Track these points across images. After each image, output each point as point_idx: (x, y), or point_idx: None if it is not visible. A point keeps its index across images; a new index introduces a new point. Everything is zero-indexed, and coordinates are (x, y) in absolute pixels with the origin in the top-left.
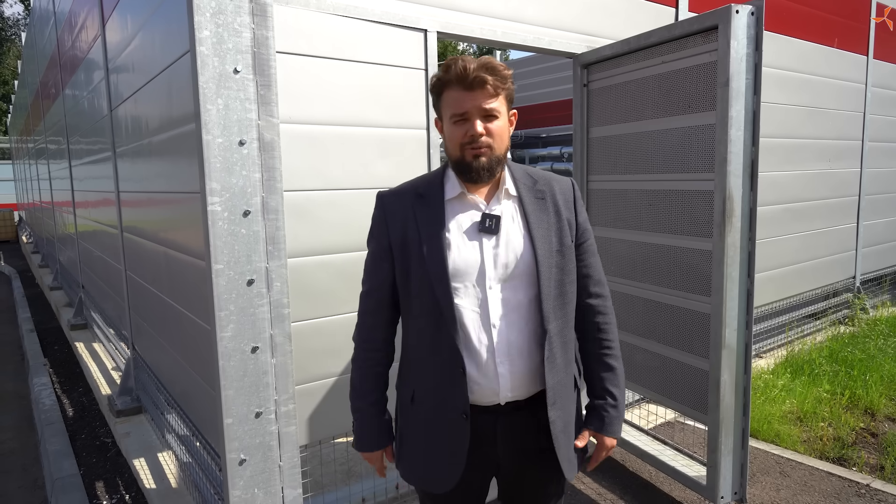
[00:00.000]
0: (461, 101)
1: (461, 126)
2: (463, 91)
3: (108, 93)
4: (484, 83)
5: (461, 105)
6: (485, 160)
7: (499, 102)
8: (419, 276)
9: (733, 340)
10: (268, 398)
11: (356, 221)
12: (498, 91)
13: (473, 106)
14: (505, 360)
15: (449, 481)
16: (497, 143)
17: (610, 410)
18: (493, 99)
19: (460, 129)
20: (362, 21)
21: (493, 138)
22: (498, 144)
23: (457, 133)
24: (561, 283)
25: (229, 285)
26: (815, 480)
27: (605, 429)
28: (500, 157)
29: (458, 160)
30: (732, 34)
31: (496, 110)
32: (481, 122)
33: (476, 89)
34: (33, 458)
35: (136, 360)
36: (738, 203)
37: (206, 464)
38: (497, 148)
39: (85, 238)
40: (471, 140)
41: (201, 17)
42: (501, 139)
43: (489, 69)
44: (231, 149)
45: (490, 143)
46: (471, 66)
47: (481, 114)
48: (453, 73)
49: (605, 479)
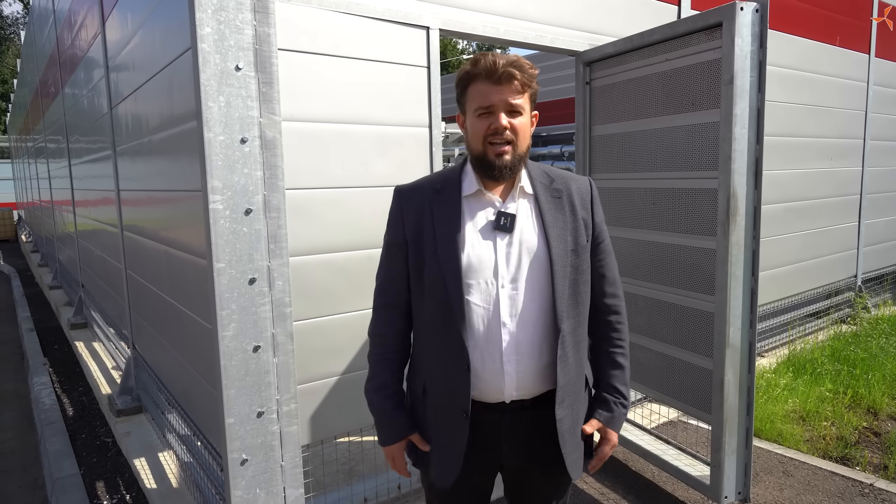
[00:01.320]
0: (488, 94)
1: (485, 119)
2: (490, 85)
3: (108, 91)
4: (512, 78)
5: (488, 98)
6: (508, 158)
7: (524, 100)
8: (432, 271)
9: (737, 339)
10: (269, 398)
11: (357, 220)
12: (525, 88)
13: (500, 99)
14: (512, 359)
15: (449, 476)
16: (520, 141)
17: (618, 406)
18: (520, 95)
19: (484, 122)
20: (364, 18)
21: (516, 135)
22: (521, 142)
23: (480, 126)
24: (575, 283)
25: (231, 284)
26: (818, 480)
27: (612, 423)
28: (522, 154)
29: (480, 155)
30: (737, 31)
31: (521, 107)
32: (506, 117)
33: (504, 84)
34: (33, 458)
35: (137, 359)
36: (742, 201)
37: (208, 463)
38: (520, 145)
39: (85, 237)
40: (494, 133)
41: (203, 14)
42: (524, 137)
43: (518, 66)
44: (233, 146)
45: (513, 140)
46: (500, 61)
47: (507, 108)
48: (482, 66)
49: (608, 478)
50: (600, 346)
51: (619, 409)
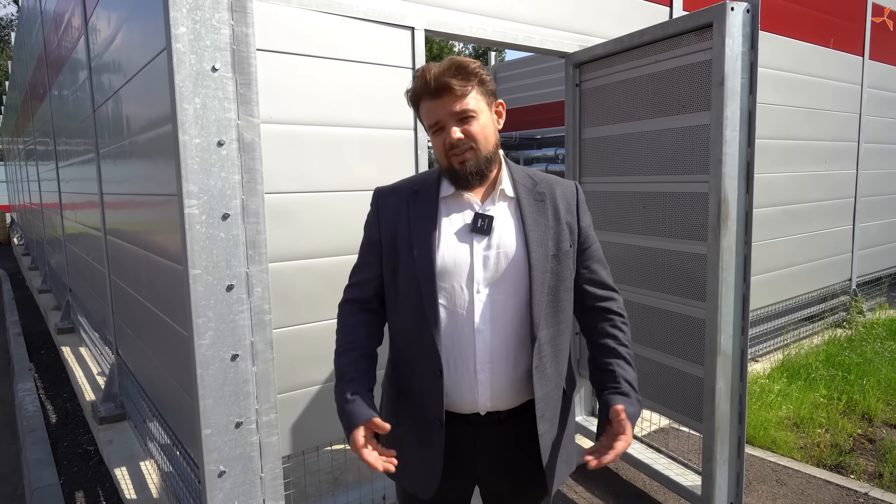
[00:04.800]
0: (432, 110)
1: (440, 135)
2: (431, 100)
3: (92, 93)
4: (448, 88)
5: (434, 115)
6: (471, 164)
7: (472, 101)
8: (407, 273)
9: (728, 347)
10: (248, 408)
11: (340, 225)
12: (466, 90)
13: (445, 113)
14: (486, 367)
15: (428, 488)
16: (481, 143)
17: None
18: (463, 100)
19: (439, 138)
20: (347, 18)
21: (475, 140)
22: (482, 144)
23: (438, 142)
24: (555, 290)
25: (207, 291)
26: (812, 489)
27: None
28: (488, 155)
29: (447, 169)
30: (727, 32)
31: (470, 111)
32: (457, 128)
33: (443, 96)
34: (14, 467)
35: (120, 365)
36: (733, 206)
37: (187, 474)
38: (482, 148)
39: (71, 240)
40: (451, 147)
41: (177, 13)
42: (485, 137)
43: (451, 70)
44: (209, 150)
45: (472, 145)
46: (431, 74)
47: (455, 119)
48: (418, 84)
49: (599, 487)
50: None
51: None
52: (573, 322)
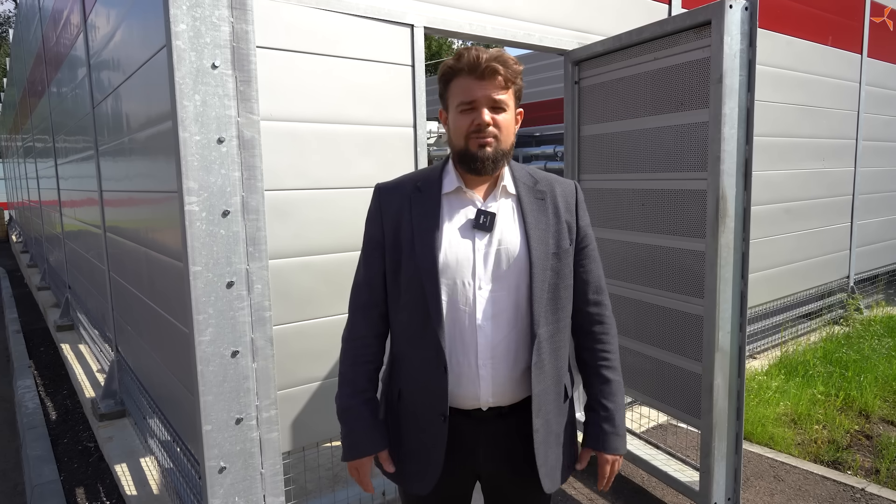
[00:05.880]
0: (471, 89)
1: (468, 115)
2: (473, 80)
3: (91, 90)
4: (495, 73)
5: (470, 93)
6: (490, 150)
7: (508, 95)
8: (409, 270)
9: (726, 343)
10: (249, 404)
11: (340, 221)
12: (509, 84)
13: (483, 95)
14: (488, 363)
15: (427, 483)
16: (504, 136)
17: (603, 425)
18: (503, 91)
19: (467, 117)
20: (346, 15)
21: (499, 130)
22: (504, 137)
23: (463, 122)
24: (555, 287)
25: (207, 288)
26: (809, 485)
27: (602, 445)
28: (506, 150)
29: (461, 150)
30: (726, 29)
31: (505, 102)
32: (489, 112)
33: (487, 79)
34: (14, 463)
35: (120, 362)
36: (731, 203)
37: (187, 470)
38: (503, 141)
39: (71, 238)
40: (477, 129)
41: (177, 10)
42: (508, 133)
43: (502, 61)
44: (209, 146)
45: (496, 135)
46: (483, 56)
47: (490, 104)
48: (465, 61)
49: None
50: (586, 358)
51: (606, 427)
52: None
